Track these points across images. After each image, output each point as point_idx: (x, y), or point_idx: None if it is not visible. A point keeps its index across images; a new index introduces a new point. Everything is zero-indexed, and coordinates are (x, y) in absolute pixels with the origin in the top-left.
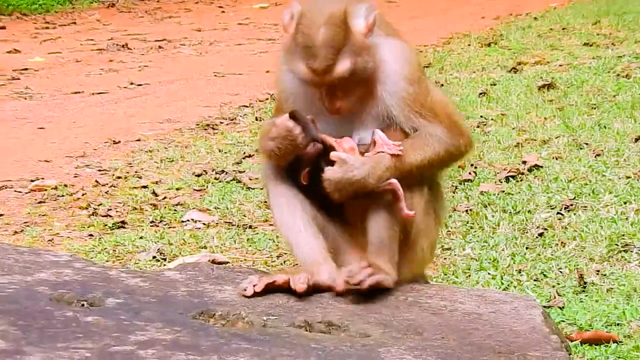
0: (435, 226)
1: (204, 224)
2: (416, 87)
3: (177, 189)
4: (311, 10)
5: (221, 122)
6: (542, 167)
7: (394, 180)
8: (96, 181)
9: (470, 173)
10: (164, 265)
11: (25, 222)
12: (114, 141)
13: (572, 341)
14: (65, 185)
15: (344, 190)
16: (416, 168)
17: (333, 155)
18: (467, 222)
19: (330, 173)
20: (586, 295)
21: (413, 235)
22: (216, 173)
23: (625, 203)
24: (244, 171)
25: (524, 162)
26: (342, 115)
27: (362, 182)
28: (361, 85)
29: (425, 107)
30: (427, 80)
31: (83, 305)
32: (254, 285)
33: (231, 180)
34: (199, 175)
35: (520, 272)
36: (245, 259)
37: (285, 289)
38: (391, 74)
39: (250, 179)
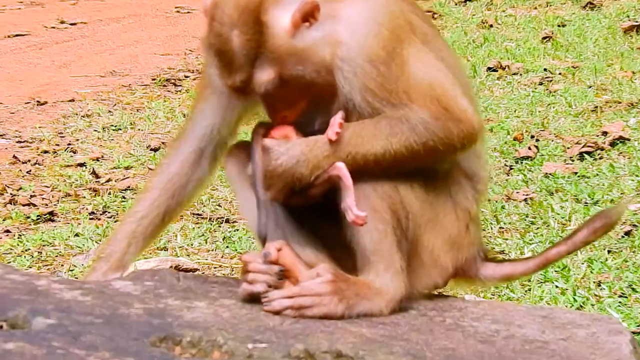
0: (452, 218)
1: None
2: (383, 68)
3: (126, 168)
4: (221, 3)
5: (186, 76)
6: (629, 140)
7: (339, 165)
8: (14, 157)
9: (529, 148)
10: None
11: None
12: (38, 102)
13: None
14: None
15: (274, 185)
16: (373, 159)
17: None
18: (527, 216)
19: (252, 167)
20: None
21: (411, 232)
22: None
23: None
24: None
25: (604, 134)
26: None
27: (292, 172)
28: (309, 86)
29: (397, 92)
30: (406, 54)
31: (1, 327)
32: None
33: None
34: (155, 150)
35: (599, 285)
36: (220, 265)
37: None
38: (349, 56)
39: None
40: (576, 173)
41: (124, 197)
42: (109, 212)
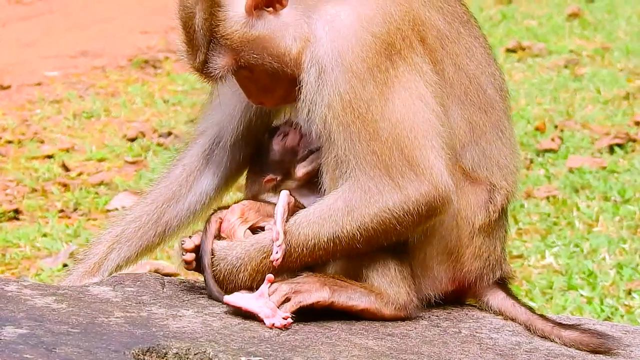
0: (449, 226)
1: None
2: (357, 85)
3: (100, 160)
4: None
5: (166, 57)
6: None
7: (283, 192)
8: None
9: (553, 139)
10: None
11: None
12: (1, 86)
13: None
14: None
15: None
16: (313, 253)
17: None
18: (549, 216)
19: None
20: None
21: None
22: (160, 136)
23: None
24: None
25: (637, 124)
26: (273, 108)
27: (231, 279)
28: (278, 75)
29: (363, 122)
30: (392, 75)
31: None
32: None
33: None
34: (132, 140)
35: (630, 294)
36: None
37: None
38: (321, 58)
39: None
40: (605, 167)
41: (97, 193)
42: (80, 210)
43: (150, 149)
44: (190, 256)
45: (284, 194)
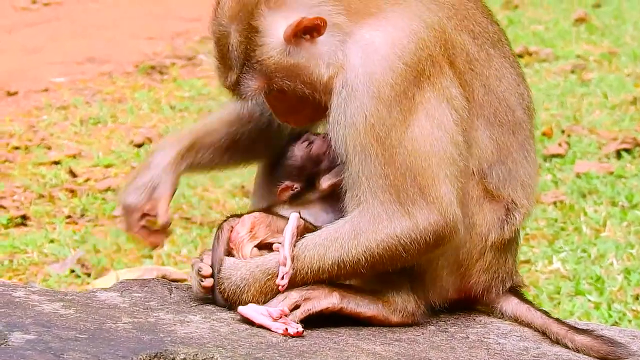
0: (463, 239)
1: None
2: (383, 110)
3: (107, 167)
4: None
5: (173, 63)
6: None
7: (293, 215)
8: None
9: (560, 144)
10: (88, 283)
11: None
12: (8, 92)
13: None
14: None
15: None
16: (317, 276)
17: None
18: (556, 221)
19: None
20: None
21: None
22: None
23: None
24: None
25: None
26: (298, 127)
27: (235, 299)
28: (306, 100)
29: (383, 145)
30: (418, 101)
31: None
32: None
33: None
34: (139, 146)
35: (638, 299)
36: None
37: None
38: (352, 83)
39: None
40: (612, 173)
41: (104, 199)
42: (87, 216)
43: None
44: (210, 282)
45: (294, 216)
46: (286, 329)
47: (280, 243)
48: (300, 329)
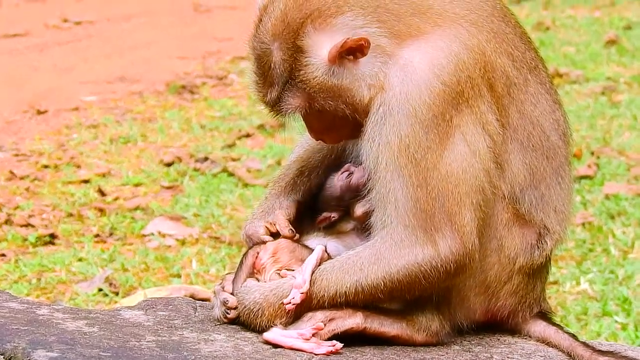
0: (492, 261)
1: (177, 239)
2: (420, 131)
3: (136, 185)
4: (270, 9)
5: (204, 83)
6: None
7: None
8: (11, 172)
9: (589, 166)
10: (116, 301)
11: None
12: (38, 110)
13: None
14: None
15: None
16: (333, 300)
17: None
18: (584, 242)
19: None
20: None
21: None
22: (196, 161)
23: None
24: (239, 158)
25: None
26: (332, 144)
27: (249, 322)
28: (346, 119)
29: (418, 167)
30: (455, 124)
31: None
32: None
33: (219, 172)
34: (169, 165)
35: None
36: None
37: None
38: (390, 103)
39: (249, 171)
40: None
41: (132, 218)
42: (116, 234)
43: (187, 174)
44: (235, 314)
45: (320, 248)
46: (331, 350)
47: (296, 272)
48: (339, 345)
